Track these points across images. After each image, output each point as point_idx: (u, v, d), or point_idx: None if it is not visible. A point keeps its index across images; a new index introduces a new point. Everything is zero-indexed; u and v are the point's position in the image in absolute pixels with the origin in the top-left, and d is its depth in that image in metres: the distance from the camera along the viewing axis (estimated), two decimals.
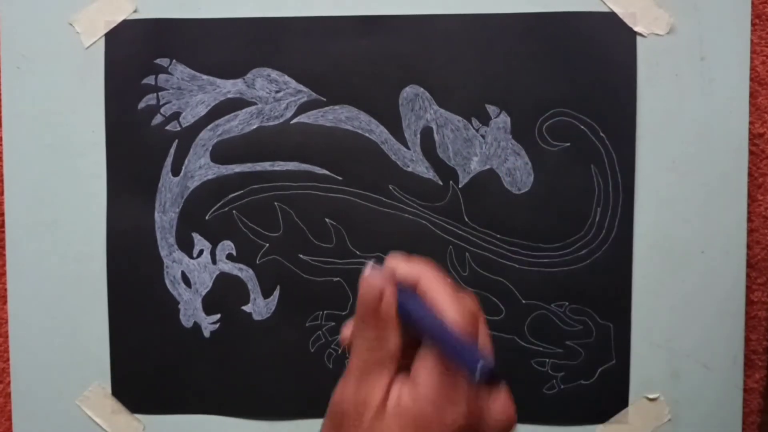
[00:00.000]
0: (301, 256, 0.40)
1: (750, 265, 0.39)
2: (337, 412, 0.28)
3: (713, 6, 0.38)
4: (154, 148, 0.40)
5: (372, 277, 0.28)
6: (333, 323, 0.40)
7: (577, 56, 0.39)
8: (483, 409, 0.27)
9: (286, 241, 0.40)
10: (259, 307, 0.40)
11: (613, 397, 0.39)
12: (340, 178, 0.40)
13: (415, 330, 0.28)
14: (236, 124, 0.40)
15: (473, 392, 0.26)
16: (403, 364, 0.28)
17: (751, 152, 0.39)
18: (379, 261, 0.29)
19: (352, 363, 0.28)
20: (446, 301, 0.27)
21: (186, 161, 0.40)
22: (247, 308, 0.40)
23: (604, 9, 0.39)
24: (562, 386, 0.39)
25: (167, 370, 0.41)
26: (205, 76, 0.40)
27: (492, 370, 0.24)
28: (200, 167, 0.40)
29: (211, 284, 0.40)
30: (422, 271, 0.29)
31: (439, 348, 0.26)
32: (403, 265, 0.29)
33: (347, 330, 0.29)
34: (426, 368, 0.27)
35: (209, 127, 0.40)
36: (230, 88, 0.40)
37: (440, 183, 0.39)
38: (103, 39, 0.40)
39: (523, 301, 0.39)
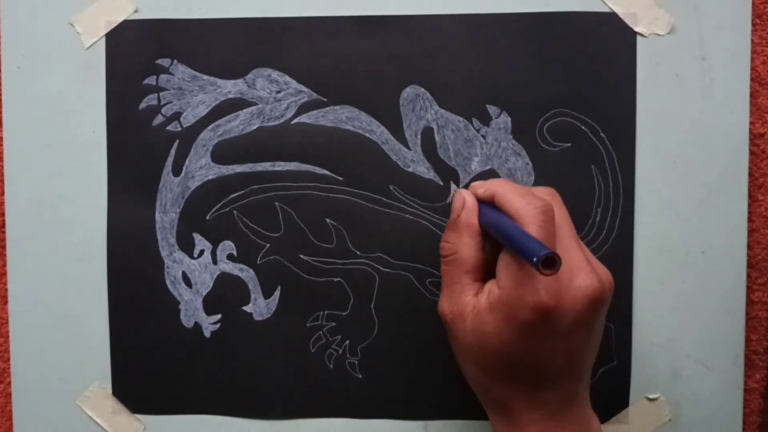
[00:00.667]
0: (301, 256, 0.40)
1: (750, 265, 0.39)
2: (445, 322, 0.34)
3: (714, 6, 0.38)
4: (154, 149, 0.40)
5: (462, 191, 0.35)
6: (333, 323, 0.40)
7: (577, 56, 0.39)
8: (565, 286, 0.31)
9: (287, 242, 0.40)
10: (260, 307, 0.40)
11: (613, 397, 0.39)
12: (340, 178, 0.40)
13: (494, 234, 0.33)
14: (237, 124, 0.40)
15: (549, 275, 0.29)
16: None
17: (751, 152, 0.39)
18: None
19: (443, 278, 0.34)
20: (512, 202, 0.32)
21: (187, 161, 0.40)
22: (247, 308, 0.40)
23: (605, 9, 0.39)
24: None
25: (168, 370, 0.41)
26: (205, 77, 0.40)
27: (548, 256, 0.27)
28: (201, 167, 0.40)
29: (211, 284, 0.40)
30: (496, 184, 0.34)
31: (507, 244, 0.31)
32: (481, 184, 0.35)
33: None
34: (504, 262, 0.32)
35: (210, 127, 0.40)
36: (231, 88, 0.40)
37: (441, 183, 0.39)
38: (103, 39, 0.40)
39: None
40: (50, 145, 0.40)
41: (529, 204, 0.32)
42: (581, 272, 0.31)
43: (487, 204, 0.34)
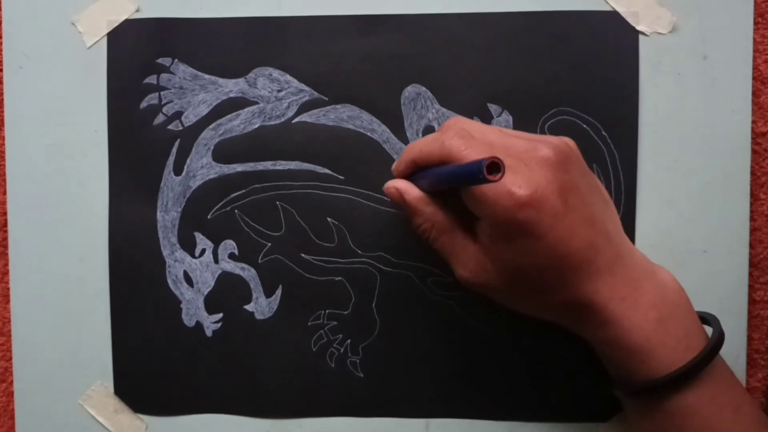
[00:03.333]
0: (303, 255, 0.40)
1: (752, 264, 0.39)
2: (472, 287, 0.34)
3: (716, 5, 0.38)
4: (156, 148, 0.40)
5: (387, 184, 0.35)
6: (335, 322, 0.40)
7: (579, 55, 0.39)
8: (527, 172, 0.31)
9: (288, 241, 0.40)
10: (262, 306, 0.40)
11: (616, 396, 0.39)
12: (341, 177, 0.40)
13: (444, 188, 0.33)
14: (238, 123, 0.40)
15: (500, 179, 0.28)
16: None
17: (753, 151, 0.39)
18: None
19: (443, 254, 0.34)
20: (426, 152, 0.33)
21: (188, 160, 0.40)
22: (249, 307, 0.40)
23: (607, 8, 0.38)
24: (565, 384, 0.39)
25: (170, 369, 0.41)
26: (207, 76, 0.40)
27: (489, 164, 0.26)
28: (202, 166, 0.40)
29: (213, 283, 0.40)
30: (406, 151, 0.35)
31: (452, 183, 0.31)
32: (396, 164, 0.36)
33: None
34: (468, 197, 0.32)
35: (211, 126, 0.40)
36: (232, 87, 0.40)
37: None
38: (105, 38, 0.40)
39: None
40: (52, 145, 0.40)
41: (437, 138, 0.32)
42: (534, 150, 0.31)
43: (416, 173, 0.35)
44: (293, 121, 0.40)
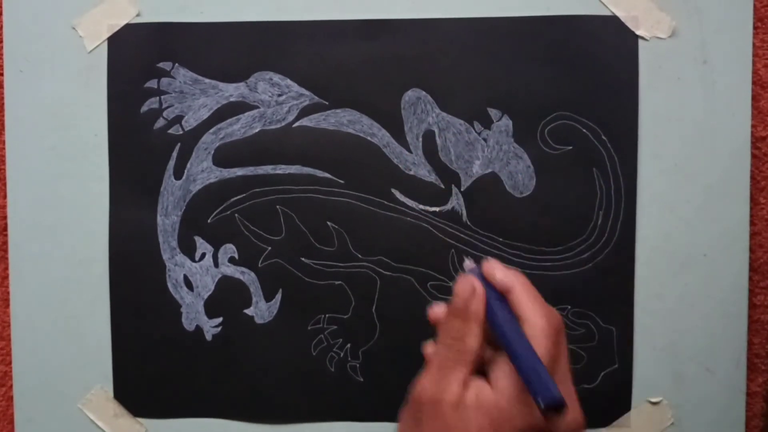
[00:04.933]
0: (303, 259, 0.40)
1: (752, 269, 0.39)
2: (416, 402, 0.30)
3: (715, 9, 0.38)
4: (156, 152, 0.40)
5: (470, 273, 0.31)
6: (335, 326, 0.40)
7: (579, 60, 0.39)
8: (554, 420, 0.28)
9: (288, 245, 0.40)
10: (261, 310, 0.40)
11: (615, 400, 0.39)
12: (342, 181, 0.40)
13: (498, 337, 0.29)
14: (238, 127, 0.40)
15: (549, 418, 0.27)
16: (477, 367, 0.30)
17: (753, 155, 0.39)
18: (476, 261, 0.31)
19: (434, 357, 0.31)
20: (528, 308, 0.29)
21: (188, 164, 0.40)
22: (249, 311, 0.40)
23: (606, 12, 0.39)
24: None
25: (169, 373, 0.41)
26: (207, 80, 0.40)
27: (556, 401, 0.25)
28: (202, 170, 0.40)
29: (213, 287, 0.40)
30: (517, 280, 0.30)
31: (514, 359, 0.28)
32: (500, 271, 0.31)
33: (438, 311, 0.32)
34: (504, 368, 0.29)
35: (212, 130, 0.40)
36: (233, 91, 0.40)
37: (442, 186, 0.39)
38: (105, 43, 0.40)
39: None
40: (52, 148, 0.40)
41: (545, 317, 0.29)
42: (571, 407, 0.28)
43: (493, 291, 0.31)
44: (293, 126, 0.40)
